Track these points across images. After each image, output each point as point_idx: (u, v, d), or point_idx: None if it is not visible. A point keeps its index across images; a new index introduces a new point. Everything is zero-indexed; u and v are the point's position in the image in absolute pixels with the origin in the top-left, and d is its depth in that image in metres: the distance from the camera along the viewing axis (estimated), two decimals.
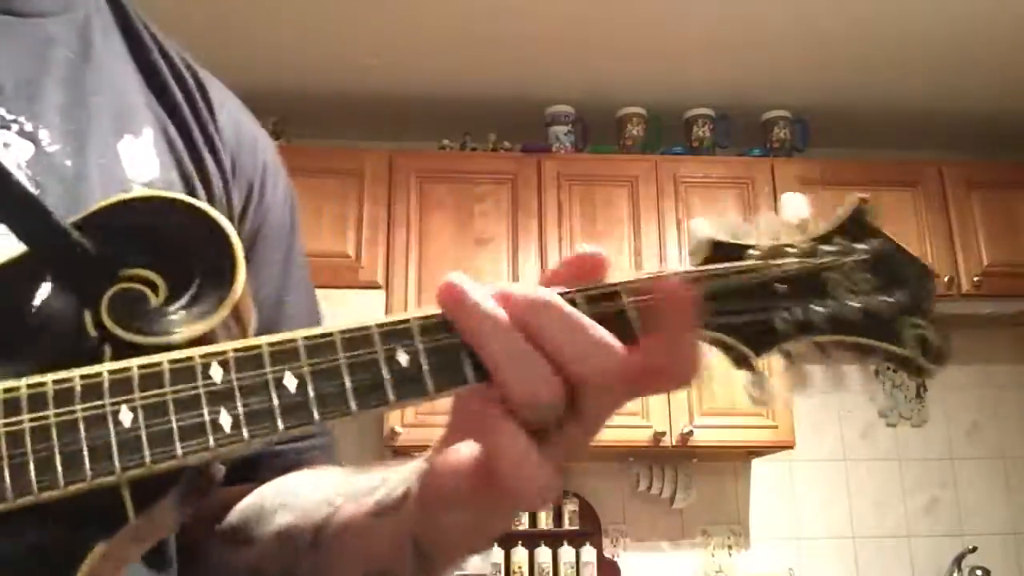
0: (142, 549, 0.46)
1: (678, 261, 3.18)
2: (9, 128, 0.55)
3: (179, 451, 0.41)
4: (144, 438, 0.41)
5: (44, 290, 0.45)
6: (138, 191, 0.57)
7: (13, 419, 0.40)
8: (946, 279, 3.20)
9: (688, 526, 3.32)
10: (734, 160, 3.36)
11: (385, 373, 0.43)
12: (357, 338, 0.43)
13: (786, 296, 0.49)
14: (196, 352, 0.42)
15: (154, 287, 0.45)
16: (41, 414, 0.40)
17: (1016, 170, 3.38)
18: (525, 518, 3.15)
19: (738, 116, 3.45)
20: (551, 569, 3.11)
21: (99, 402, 0.41)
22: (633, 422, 2.97)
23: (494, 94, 3.38)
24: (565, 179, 3.22)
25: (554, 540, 3.15)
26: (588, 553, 3.15)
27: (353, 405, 0.42)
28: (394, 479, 0.52)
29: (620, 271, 0.47)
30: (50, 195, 0.53)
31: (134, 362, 0.42)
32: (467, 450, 0.43)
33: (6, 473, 0.39)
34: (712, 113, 3.43)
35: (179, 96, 0.67)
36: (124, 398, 0.41)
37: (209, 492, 0.47)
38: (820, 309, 0.50)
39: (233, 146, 0.69)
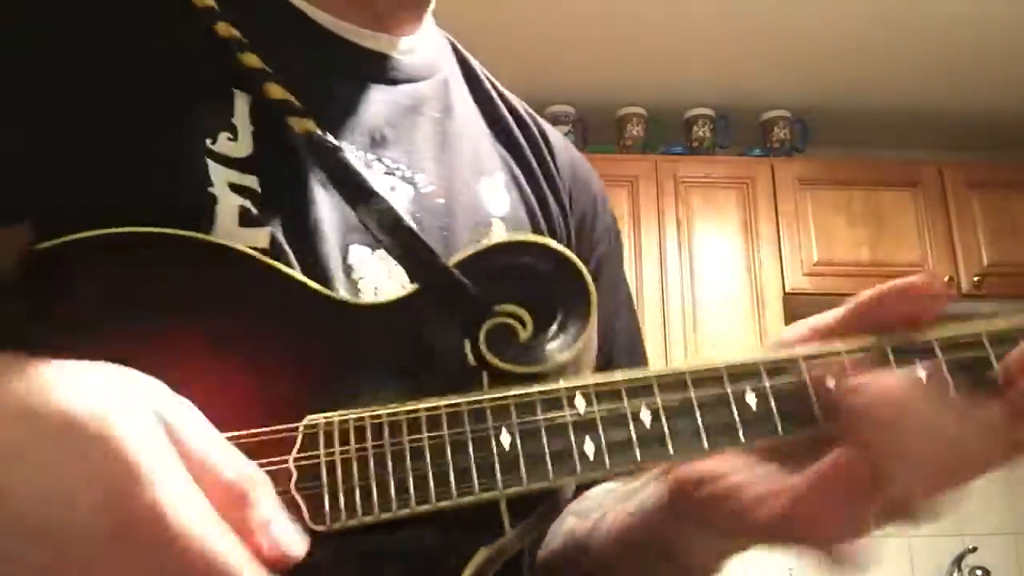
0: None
1: (677, 260, 3.18)
2: (394, 174, 0.63)
3: (551, 473, 0.47)
4: (521, 459, 0.47)
5: (429, 322, 0.52)
6: (503, 236, 0.66)
7: (415, 436, 0.47)
8: (946, 279, 3.20)
9: None
10: (734, 160, 3.36)
11: (736, 413, 0.47)
12: (706, 378, 0.48)
13: None
14: (562, 384, 0.48)
15: (522, 322, 0.52)
16: (436, 434, 0.47)
17: (1016, 170, 3.38)
18: None
19: (738, 116, 3.44)
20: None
21: (483, 425, 0.48)
22: None
23: None
24: None
25: None
26: None
27: (706, 444, 0.47)
28: (652, 484, 0.56)
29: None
30: (427, 228, 0.61)
31: (511, 391, 0.48)
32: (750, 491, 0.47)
33: (411, 483, 0.46)
34: (712, 113, 3.43)
35: (523, 142, 0.75)
36: (504, 423, 0.48)
37: (556, 516, 0.54)
38: None
39: (570, 183, 0.78)
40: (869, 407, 0.43)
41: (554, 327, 0.52)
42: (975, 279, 3.20)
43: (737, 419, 0.47)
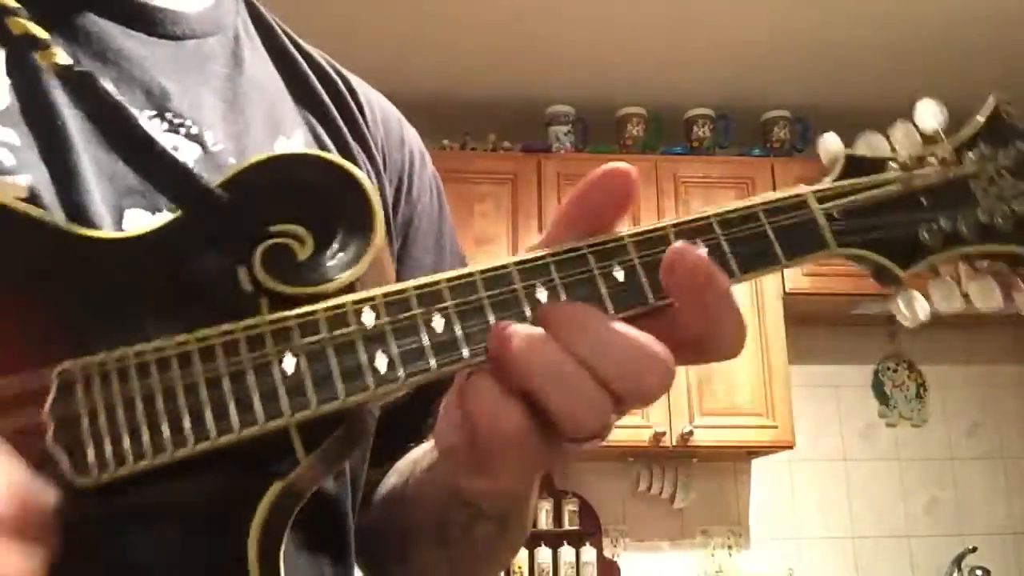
0: (317, 487, 0.49)
1: None
2: (177, 131, 0.59)
3: (341, 393, 0.43)
4: (308, 382, 0.43)
5: (198, 251, 0.48)
6: (275, 151, 0.61)
7: (187, 371, 0.43)
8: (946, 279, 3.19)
9: (688, 526, 3.32)
10: (734, 160, 3.37)
11: (527, 309, 0.44)
12: (496, 277, 0.45)
13: (931, 208, 0.48)
14: (347, 299, 0.45)
15: (301, 240, 0.47)
16: (211, 365, 0.43)
17: None
18: None
19: (738, 116, 3.45)
20: (551, 569, 3.11)
21: (263, 351, 0.44)
22: (633, 422, 2.97)
23: (494, 94, 3.38)
24: (565, 179, 3.22)
25: (554, 540, 3.15)
26: (588, 553, 3.15)
27: None
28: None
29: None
30: None
31: (291, 312, 0.44)
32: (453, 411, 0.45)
33: (186, 422, 0.42)
34: (712, 113, 3.43)
35: (327, 99, 0.70)
36: (286, 346, 0.44)
37: (362, 442, 0.50)
38: (968, 219, 0.47)
39: (383, 141, 0.73)
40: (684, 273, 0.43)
41: (335, 245, 0.47)
42: None
43: (529, 316, 0.44)
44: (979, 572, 3.23)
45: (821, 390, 3.47)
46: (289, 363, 0.43)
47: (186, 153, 0.58)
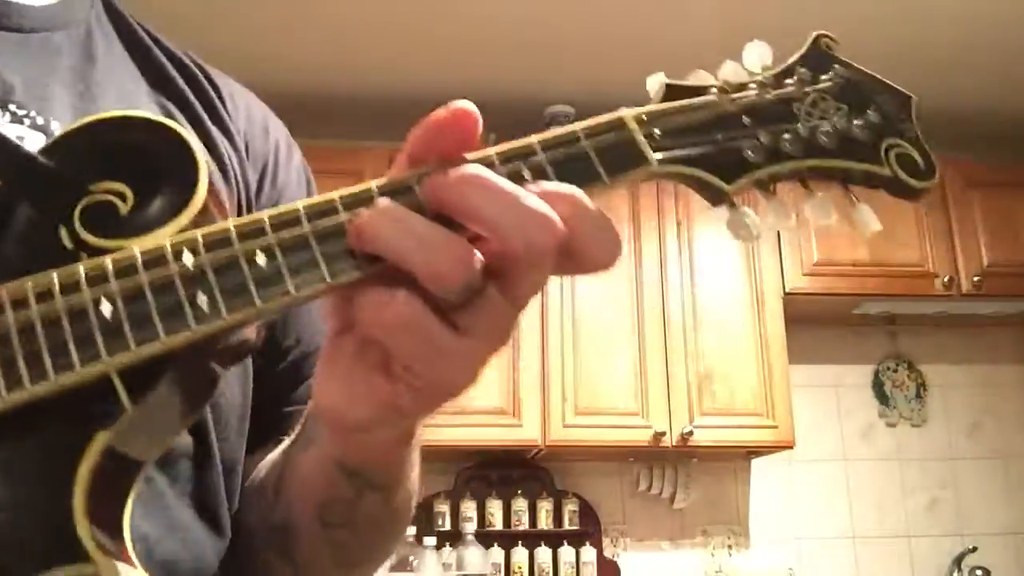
0: (158, 447, 0.47)
1: (677, 261, 3.18)
2: (22, 122, 0.58)
3: (161, 333, 0.41)
4: (126, 324, 0.41)
5: (19, 215, 0.47)
6: (97, 115, 0.60)
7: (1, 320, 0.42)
8: (946, 279, 3.20)
9: (688, 526, 3.32)
10: None
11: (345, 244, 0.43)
12: (322, 209, 0.44)
13: (753, 126, 0.49)
14: (166, 241, 0.43)
15: (123, 197, 0.47)
16: (23, 312, 0.42)
17: (1016, 170, 3.38)
18: (525, 518, 3.15)
19: None
20: (551, 569, 3.11)
21: (77, 295, 0.42)
22: (633, 422, 2.98)
23: (494, 94, 3.38)
24: None
25: (554, 540, 3.15)
26: (588, 553, 3.15)
27: (326, 274, 0.43)
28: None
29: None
30: None
31: (107, 256, 0.43)
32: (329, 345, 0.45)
33: None
34: None
35: (186, 88, 0.70)
36: (102, 289, 0.42)
37: (200, 396, 0.49)
38: (790, 136, 0.49)
39: (245, 129, 0.73)
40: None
41: (159, 199, 0.46)
42: (975, 279, 3.20)
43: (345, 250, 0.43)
44: (979, 572, 3.23)
45: (821, 390, 3.47)
46: (106, 307, 0.42)
47: (31, 142, 0.57)
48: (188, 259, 0.43)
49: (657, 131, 0.49)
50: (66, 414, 0.42)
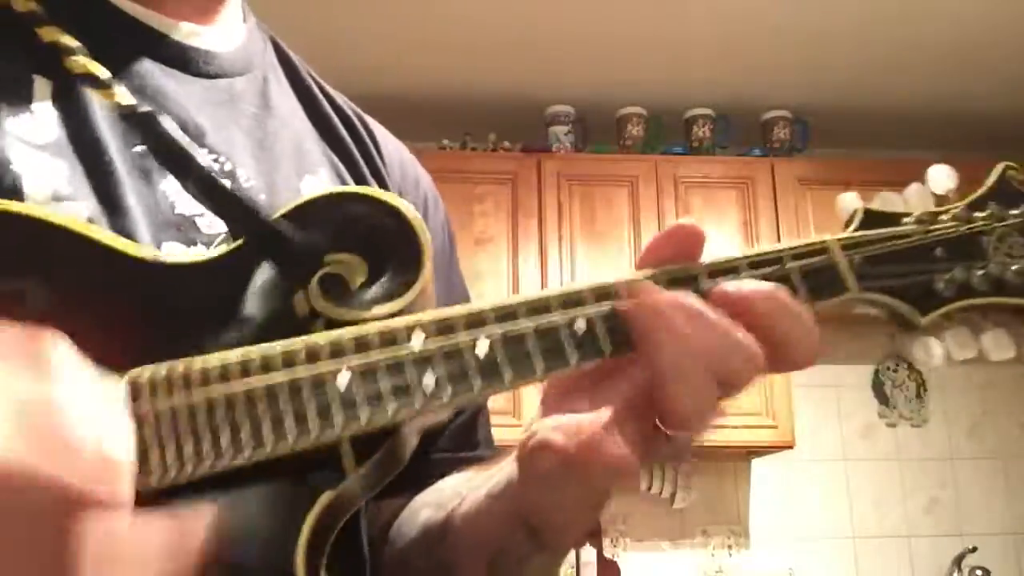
0: (362, 501, 0.52)
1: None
2: (211, 167, 0.60)
3: (391, 410, 0.46)
4: (360, 398, 0.46)
5: (259, 277, 0.51)
6: (335, 188, 0.65)
7: (247, 381, 0.45)
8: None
9: (688, 526, 3.32)
10: (734, 160, 3.36)
11: (564, 338, 0.47)
12: (539, 307, 0.48)
13: (945, 259, 0.51)
14: (399, 322, 0.48)
15: (355, 269, 0.51)
16: (271, 376, 0.46)
17: None
18: None
19: (738, 116, 3.44)
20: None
21: (319, 366, 0.46)
22: None
23: (494, 94, 3.38)
24: (565, 179, 3.22)
25: None
26: (588, 553, 3.15)
27: (539, 369, 0.47)
28: (507, 463, 0.56)
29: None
30: None
31: (346, 331, 0.47)
32: (559, 423, 0.48)
33: (244, 431, 0.45)
34: (712, 113, 3.43)
35: (348, 140, 0.74)
36: (341, 363, 0.46)
37: (404, 461, 0.53)
38: (979, 272, 0.51)
39: (399, 181, 0.76)
40: (661, 315, 0.47)
41: (386, 276, 0.51)
42: None
43: (567, 345, 0.47)
44: (979, 572, 3.23)
45: (821, 390, 3.47)
46: (343, 379, 0.46)
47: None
48: (417, 341, 0.47)
49: (857, 258, 0.51)
50: (294, 474, 0.46)
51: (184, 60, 0.65)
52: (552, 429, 0.48)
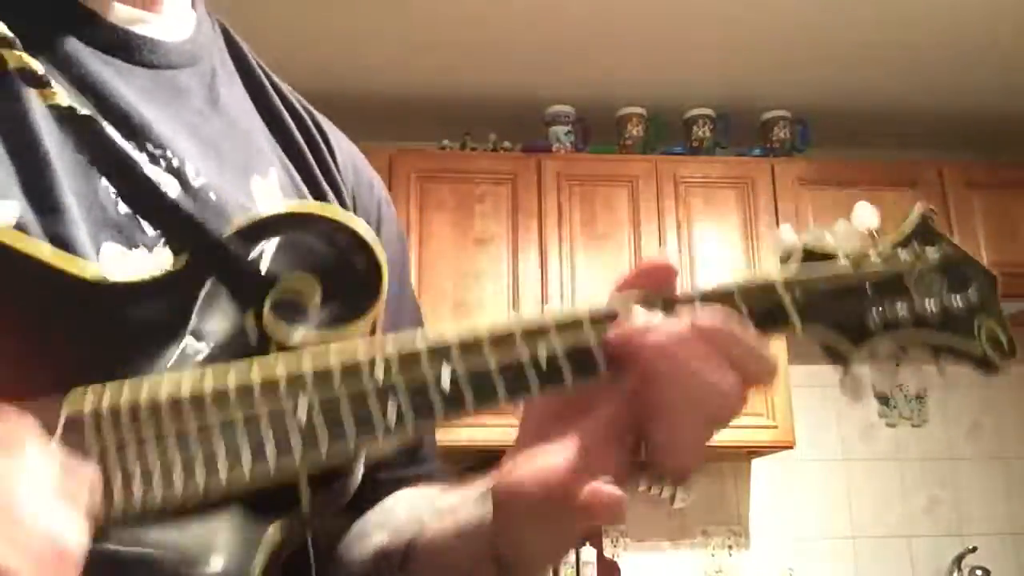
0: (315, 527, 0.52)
1: (677, 261, 3.18)
2: (159, 163, 0.58)
3: (352, 441, 0.45)
4: (320, 430, 0.45)
5: (208, 297, 0.49)
6: (290, 204, 0.62)
7: (200, 414, 0.44)
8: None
9: (688, 526, 3.32)
10: (734, 160, 3.36)
11: (528, 370, 0.47)
12: (503, 338, 0.48)
13: (873, 295, 0.54)
14: (361, 352, 0.46)
15: (308, 292, 0.50)
16: (225, 411, 0.44)
17: (1016, 170, 3.38)
18: None
19: (738, 116, 3.45)
20: (551, 569, 3.11)
21: (277, 398, 0.45)
22: None
23: (494, 94, 3.38)
24: (565, 179, 3.22)
25: None
26: (588, 553, 3.15)
27: (502, 399, 0.47)
28: (474, 496, 0.55)
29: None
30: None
31: (306, 362, 0.46)
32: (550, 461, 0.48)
33: (198, 466, 0.43)
34: (712, 113, 3.43)
35: (300, 139, 0.71)
36: (300, 394, 0.45)
37: (349, 494, 0.52)
38: (904, 308, 0.54)
39: (352, 184, 0.74)
40: (647, 345, 0.47)
41: (341, 298, 0.50)
42: None
43: (530, 377, 0.48)
44: (979, 572, 3.23)
45: (821, 390, 3.47)
46: (302, 412, 0.45)
47: (167, 188, 0.57)
48: (379, 371, 0.46)
49: (799, 295, 0.53)
50: (249, 505, 0.45)
51: (127, 48, 0.62)
52: (528, 477, 0.48)
